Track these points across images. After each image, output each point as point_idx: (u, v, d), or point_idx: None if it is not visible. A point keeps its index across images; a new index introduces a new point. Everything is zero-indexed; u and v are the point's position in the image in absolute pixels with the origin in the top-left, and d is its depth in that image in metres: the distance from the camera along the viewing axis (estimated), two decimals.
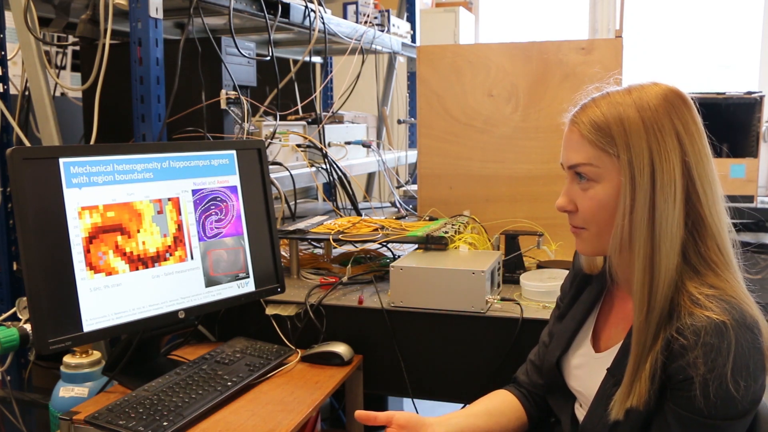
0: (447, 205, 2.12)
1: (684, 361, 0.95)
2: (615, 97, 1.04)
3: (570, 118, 1.08)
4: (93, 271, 1.32)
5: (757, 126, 3.46)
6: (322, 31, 2.33)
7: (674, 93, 1.03)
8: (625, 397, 1.00)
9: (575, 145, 1.06)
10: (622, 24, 4.51)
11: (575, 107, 1.09)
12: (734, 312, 0.94)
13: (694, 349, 0.93)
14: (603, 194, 1.04)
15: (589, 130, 1.04)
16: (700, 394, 0.93)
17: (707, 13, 4.63)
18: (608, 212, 1.04)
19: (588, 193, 1.06)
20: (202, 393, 1.32)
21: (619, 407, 1.01)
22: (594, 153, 1.03)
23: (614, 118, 1.02)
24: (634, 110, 1.01)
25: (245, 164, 1.61)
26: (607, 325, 1.18)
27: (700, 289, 0.98)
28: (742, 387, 0.92)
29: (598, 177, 1.04)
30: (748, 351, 0.93)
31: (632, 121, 1.01)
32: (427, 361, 1.55)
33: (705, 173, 1.01)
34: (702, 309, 0.95)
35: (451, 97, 2.09)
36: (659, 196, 0.99)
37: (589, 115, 1.04)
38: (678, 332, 0.96)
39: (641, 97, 1.02)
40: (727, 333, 0.93)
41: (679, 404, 0.97)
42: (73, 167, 1.32)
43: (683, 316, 0.96)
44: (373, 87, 3.21)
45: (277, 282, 1.64)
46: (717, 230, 1.01)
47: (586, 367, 1.17)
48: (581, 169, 1.06)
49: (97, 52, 1.74)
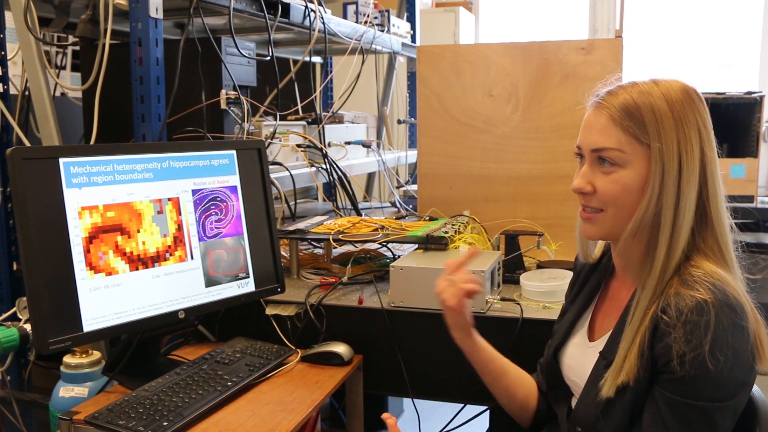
0: (447, 205, 2.12)
1: (667, 340, 0.97)
2: (643, 87, 1.06)
3: (595, 101, 1.09)
4: (93, 271, 1.32)
5: (757, 126, 3.46)
6: (322, 31, 2.33)
7: (693, 90, 1.07)
8: (617, 373, 1.02)
9: (603, 128, 1.07)
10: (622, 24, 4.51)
11: (600, 92, 1.10)
12: (717, 292, 0.97)
13: (677, 327, 0.96)
14: (628, 179, 1.05)
15: (620, 115, 1.05)
16: (680, 371, 0.96)
17: (707, 12, 4.63)
18: (630, 197, 1.06)
19: (611, 176, 1.07)
20: (202, 393, 1.32)
21: (611, 383, 1.03)
22: (625, 139, 1.05)
23: (646, 106, 1.04)
24: (663, 101, 1.04)
25: (245, 164, 1.61)
26: (601, 314, 1.21)
27: (690, 272, 1.01)
28: (721, 362, 0.94)
29: (625, 163, 1.05)
30: (729, 329, 0.95)
31: (663, 111, 1.03)
32: (427, 361, 1.55)
33: (715, 168, 1.05)
34: (688, 289, 0.98)
35: (451, 97, 2.09)
36: (684, 185, 1.03)
37: (620, 100, 1.06)
38: (662, 311, 0.99)
39: (668, 90, 1.05)
40: (707, 310, 0.95)
41: (665, 386, 0.99)
42: (73, 167, 1.31)
43: (670, 295, 0.99)
44: (373, 87, 3.21)
45: (277, 282, 1.64)
46: (721, 225, 1.05)
47: (579, 357, 1.20)
48: (608, 153, 1.06)
49: (97, 52, 1.74)
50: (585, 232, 1.13)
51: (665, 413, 0.99)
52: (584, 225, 1.13)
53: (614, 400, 1.04)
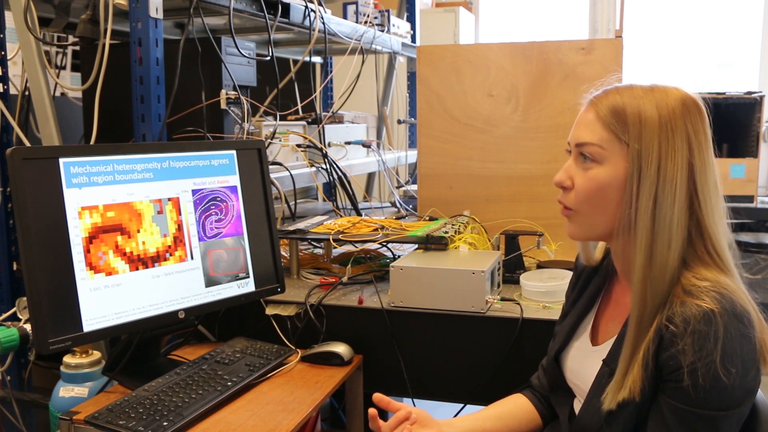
0: (447, 205, 2.12)
1: (674, 350, 0.96)
2: (637, 91, 1.06)
3: (589, 99, 1.11)
4: (93, 271, 1.32)
5: (757, 126, 3.46)
6: (322, 31, 2.33)
7: (692, 100, 1.06)
8: (618, 387, 1.02)
9: (589, 124, 1.08)
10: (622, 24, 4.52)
11: (596, 90, 1.11)
12: (724, 301, 0.96)
13: (684, 337, 0.96)
14: (602, 176, 1.06)
15: (606, 112, 1.06)
16: (689, 382, 0.95)
17: (707, 12, 4.63)
18: (602, 196, 1.06)
19: (588, 173, 1.07)
20: (202, 393, 1.32)
21: (612, 398, 1.02)
22: (606, 136, 1.06)
23: (632, 109, 1.04)
24: (652, 106, 1.04)
25: (245, 164, 1.61)
26: (605, 318, 1.20)
27: (693, 281, 1.00)
28: (732, 374, 0.94)
29: (602, 159, 1.06)
30: (737, 339, 0.95)
31: (648, 115, 1.03)
32: (427, 361, 1.55)
33: (707, 181, 1.03)
34: (693, 298, 0.97)
35: (451, 97, 2.09)
36: (661, 191, 1.01)
37: (609, 100, 1.07)
38: (668, 320, 0.98)
39: (662, 96, 1.05)
40: (715, 320, 0.94)
41: (672, 395, 0.99)
42: (73, 167, 1.32)
43: (675, 305, 0.98)
44: (373, 87, 3.21)
45: (277, 282, 1.64)
46: (717, 237, 1.03)
47: (582, 360, 1.19)
48: (587, 149, 1.07)
49: (97, 52, 1.74)
50: (567, 231, 1.14)
51: (671, 421, 0.99)
52: (566, 225, 1.14)
53: (617, 411, 1.03)
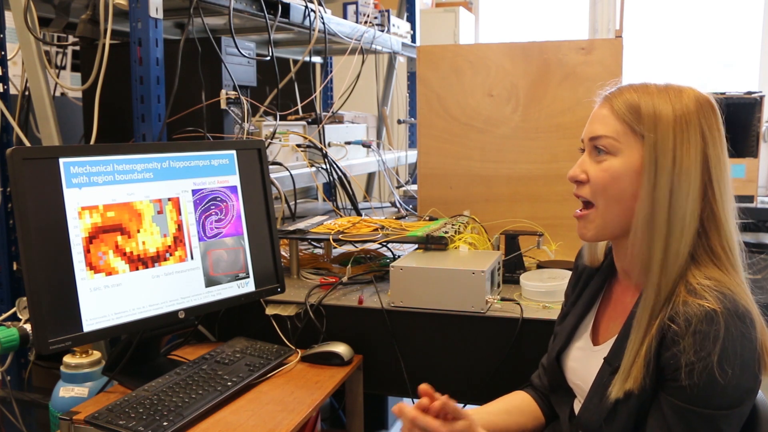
0: (447, 205, 2.12)
1: (675, 349, 0.97)
2: (651, 88, 1.08)
3: (604, 95, 1.12)
4: (93, 271, 1.32)
5: (757, 126, 3.46)
6: (322, 31, 2.33)
7: (707, 99, 1.08)
8: (626, 376, 1.02)
9: (603, 118, 1.09)
10: (622, 24, 4.52)
11: (611, 88, 1.12)
12: (726, 301, 0.97)
13: (685, 336, 0.96)
14: (617, 168, 1.06)
15: (621, 106, 1.08)
16: (688, 381, 0.96)
17: (708, 12, 4.63)
18: (618, 187, 1.07)
19: (602, 165, 1.08)
20: (202, 393, 1.32)
21: (620, 387, 1.03)
22: (620, 128, 1.07)
23: (647, 103, 1.06)
24: (667, 102, 1.06)
25: (245, 164, 1.61)
26: (605, 318, 1.20)
27: (698, 280, 1.00)
28: (730, 374, 0.94)
29: (617, 151, 1.07)
30: (737, 339, 0.95)
31: (663, 109, 1.05)
32: (427, 361, 1.55)
33: (721, 175, 1.05)
34: (696, 298, 0.98)
35: (451, 97, 2.09)
36: (677, 181, 1.03)
37: (624, 96, 1.08)
38: (671, 319, 0.99)
39: (676, 94, 1.07)
40: (717, 320, 0.95)
41: (672, 393, 0.99)
42: (73, 167, 1.32)
43: (678, 304, 0.99)
44: (373, 87, 3.21)
45: (277, 282, 1.64)
46: (728, 230, 1.04)
47: (583, 360, 1.19)
48: (602, 141, 1.08)
49: (97, 52, 1.74)
50: (579, 232, 1.14)
51: (671, 419, 0.99)
52: (578, 226, 1.14)
53: (619, 406, 1.04)
